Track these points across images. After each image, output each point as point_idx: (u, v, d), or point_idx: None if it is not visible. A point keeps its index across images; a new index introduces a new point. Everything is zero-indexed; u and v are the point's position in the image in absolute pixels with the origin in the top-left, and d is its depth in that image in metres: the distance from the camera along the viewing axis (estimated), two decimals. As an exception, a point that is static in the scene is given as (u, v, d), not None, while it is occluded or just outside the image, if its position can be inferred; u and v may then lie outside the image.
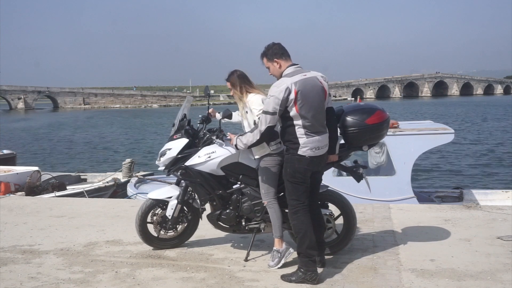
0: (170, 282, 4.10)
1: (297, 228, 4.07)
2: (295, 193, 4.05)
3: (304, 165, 3.97)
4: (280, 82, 3.95)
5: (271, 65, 4.11)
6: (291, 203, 4.07)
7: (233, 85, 4.52)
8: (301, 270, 3.99)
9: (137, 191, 9.95)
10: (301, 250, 4.03)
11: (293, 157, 3.98)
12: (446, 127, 8.62)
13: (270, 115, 3.91)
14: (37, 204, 7.32)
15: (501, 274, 4.03)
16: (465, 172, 16.56)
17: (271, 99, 3.90)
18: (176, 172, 4.68)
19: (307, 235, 4.01)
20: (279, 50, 4.08)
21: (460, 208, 6.38)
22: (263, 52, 4.16)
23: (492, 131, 30.15)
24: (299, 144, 3.95)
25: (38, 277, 4.26)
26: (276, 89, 3.91)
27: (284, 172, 4.09)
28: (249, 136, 4.07)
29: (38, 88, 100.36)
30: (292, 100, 3.87)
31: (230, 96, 5.87)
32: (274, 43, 4.15)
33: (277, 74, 4.11)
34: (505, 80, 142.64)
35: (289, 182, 4.05)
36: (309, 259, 4.00)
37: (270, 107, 3.90)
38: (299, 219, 4.04)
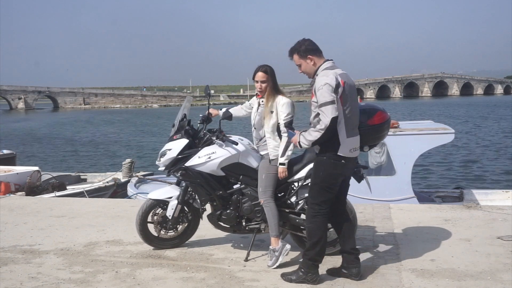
0: (170, 282, 4.10)
1: (313, 232, 3.94)
2: (320, 198, 3.90)
3: (339, 170, 3.85)
4: (326, 73, 3.74)
5: (303, 62, 3.90)
6: (313, 207, 3.93)
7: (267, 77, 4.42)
8: (302, 270, 3.96)
9: (137, 191, 9.95)
10: (309, 253, 3.95)
11: (329, 161, 3.80)
12: (446, 127, 8.62)
13: (330, 105, 3.63)
14: (37, 204, 7.32)
15: (501, 274, 4.03)
16: (465, 172, 16.55)
17: (325, 87, 3.66)
18: (176, 172, 4.68)
19: (321, 242, 3.92)
20: (313, 46, 3.89)
21: (460, 208, 6.37)
22: (293, 49, 3.94)
23: (492, 131, 30.14)
24: (339, 144, 3.77)
25: (38, 277, 4.27)
26: (325, 78, 3.70)
27: (315, 175, 3.92)
28: (313, 132, 3.74)
29: (38, 88, 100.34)
30: (340, 93, 3.69)
31: (230, 96, 5.85)
32: (305, 39, 3.93)
33: (310, 72, 3.92)
34: (505, 80, 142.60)
35: (318, 185, 3.89)
36: (313, 263, 3.95)
37: (328, 96, 3.64)
38: (317, 224, 3.91)
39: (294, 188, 4.54)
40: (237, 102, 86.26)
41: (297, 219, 4.53)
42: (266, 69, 4.43)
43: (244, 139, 4.72)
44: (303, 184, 4.51)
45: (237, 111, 4.92)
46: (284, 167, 4.36)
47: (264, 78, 4.41)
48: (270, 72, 4.44)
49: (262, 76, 4.42)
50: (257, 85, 4.45)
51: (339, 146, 3.78)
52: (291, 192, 4.54)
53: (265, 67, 4.45)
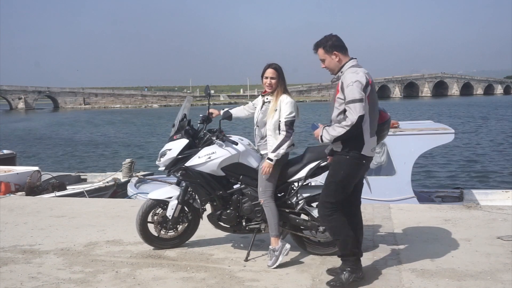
0: (170, 282, 4.10)
1: (337, 230, 3.88)
2: (336, 196, 3.85)
3: (359, 170, 3.82)
4: (356, 70, 3.70)
5: (328, 57, 3.84)
6: (327, 205, 3.87)
7: (277, 74, 4.42)
8: (348, 269, 3.85)
9: (138, 191, 9.95)
10: (346, 251, 3.88)
11: (352, 160, 3.75)
12: (446, 127, 8.62)
13: (359, 103, 3.58)
14: (37, 204, 7.32)
15: (501, 274, 4.03)
16: (465, 172, 16.55)
17: (355, 85, 3.60)
18: (176, 172, 4.68)
19: (349, 235, 3.86)
20: (339, 43, 3.84)
21: (460, 208, 6.38)
22: (319, 43, 3.87)
23: (493, 131, 30.14)
24: (363, 143, 3.72)
25: (38, 277, 4.27)
26: (355, 75, 3.65)
27: (334, 173, 3.85)
28: (338, 128, 3.69)
29: (39, 88, 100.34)
30: (368, 92, 3.65)
31: (230, 96, 5.84)
32: (332, 34, 3.88)
33: (334, 68, 3.86)
34: (505, 80, 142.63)
35: (336, 184, 3.83)
36: (355, 257, 3.89)
37: (357, 94, 3.58)
38: (336, 221, 3.86)
39: (294, 188, 4.54)
40: (237, 102, 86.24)
41: (297, 219, 4.54)
42: (276, 66, 4.46)
43: (244, 139, 4.72)
44: (303, 184, 4.51)
45: (239, 111, 4.92)
46: (269, 163, 4.30)
47: (274, 75, 4.42)
48: (280, 70, 4.46)
49: (272, 73, 4.43)
50: (266, 81, 4.44)
51: (363, 145, 3.74)
52: (291, 192, 4.54)
53: (275, 65, 4.47)
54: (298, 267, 4.35)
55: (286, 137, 4.32)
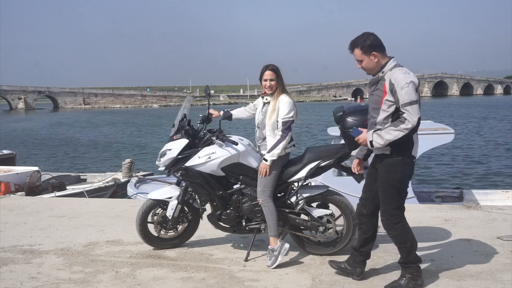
0: (170, 282, 4.10)
1: (403, 238, 3.74)
2: (398, 201, 3.69)
3: (412, 170, 3.70)
4: (405, 70, 3.55)
5: (366, 58, 3.64)
6: (393, 212, 3.69)
7: (276, 76, 4.41)
8: (409, 276, 3.77)
9: (137, 191, 9.97)
10: (409, 258, 3.77)
11: (405, 161, 3.62)
12: (446, 127, 8.62)
13: (416, 104, 3.43)
14: (37, 204, 7.32)
15: (501, 274, 4.03)
16: (465, 172, 16.56)
17: (410, 86, 3.45)
18: (176, 172, 4.68)
19: (415, 241, 3.78)
20: (378, 42, 3.64)
21: (460, 208, 6.38)
22: (356, 42, 3.68)
23: (492, 131, 30.15)
24: (413, 144, 3.63)
25: (38, 277, 4.27)
26: (408, 75, 3.50)
27: (389, 177, 3.65)
28: (394, 131, 3.47)
29: (38, 88, 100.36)
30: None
31: (230, 96, 5.83)
32: (369, 32, 3.68)
33: (372, 69, 3.68)
34: (505, 80, 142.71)
35: (395, 188, 3.65)
36: (418, 264, 3.81)
37: (413, 95, 3.44)
38: (403, 228, 3.73)
39: (294, 188, 4.54)
40: (237, 102, 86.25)
41: (297, 219, 4.54)
42: (274, 68, 4.45)
43: (244, 139, 4.73)
44: (303, 184, 4.51)
45: (240, 112, 4.92)
46: (265, 164, 4.31)
47: (273, 76, 4.42)
48: (278, 71, 4.46)
49: (271, 74, 4.42)
50: (266, 83, 4.44)
51: (413, 145, 3.65)
52: (291, 192, 4.54)
53: (272, 66, 4.47)
54: (298, 267, 4.35)
55: (281, 137, 4.31)
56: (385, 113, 3.59)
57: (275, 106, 4.38)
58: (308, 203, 4.56)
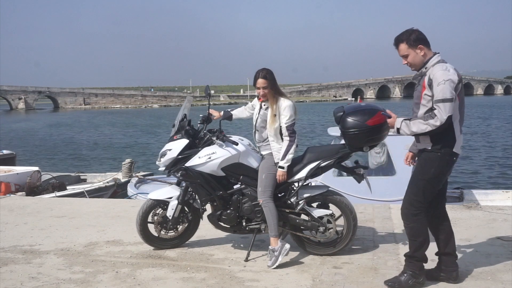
0: (170, 282, 4.10)
1: (417, 231, 3.75)
2: (424, 194, 3.71)
3: (450, 167, 3.70)
4: (446, 67, 3.53)
5: (412, 52, 3.64)
6: (415, 204, 3.72)
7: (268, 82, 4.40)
8: (410, 273, 3.77)
9: (138, 191, 9.96)
10: (418, 254, 3.77)
11: (444, 157, 3.62)
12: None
13: (449, 102, 3.44)
14: (37, 204, 7.33)
15: (501, 274, 4.03)
16: (465, 172, 16.56)
17: (447, 83, 3.45)
18: (176, 172, 4.68)
19: (427, 239, 3.77)
20: (423, 36, 3.64)
21: (461, 208, 6.38)
22: (401, 37, 3.67)
23: (493, 131, 30.15)
24: (455, 141, 3.60)
25: (38, 277, 4.27)
26: (447, 72, 3.49)
27: (424, 170, 3.69)
28: (422, 125, 3.54)
29: (39, 88, 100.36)
30: (459, 88, 3.52)
31: (230, 96, 5.80)
32: (413, 28, 3.68)
33: (418, 63, 3.67)
34: (505, 80, 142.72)
35: (426, 181, 3.69)
36: (422, 262, 3.81)
37: (448, 93, 3.44)
38: (420, 222, 3.74)
39: (294, 188, 4.54)
40: (237, 102, 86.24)
41: (297, 219, 4.54)
42: (265, 75, 4.42)
43: (244, 139, 4.73)
44: (303, 184, 4.51)
45: (240, 112, 4.93)
46: (283, 171, 4.37)
47: (265, 84, 4.41)
48: (270, 77, 4.43)
49: (263, 83, 4.42)
50: (259, 91, 4.46)
51: (455, 142, 3.62)
52: (291, 192, 4.54)
53: (264, 72, 4.43)
54: (298, 267, 4.35)
55: (290, 141, 4.36)
56: (425, 108, 3.63)
57: (275, 111, 4.38)
58: (308, 203, 4.56)
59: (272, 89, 4.42)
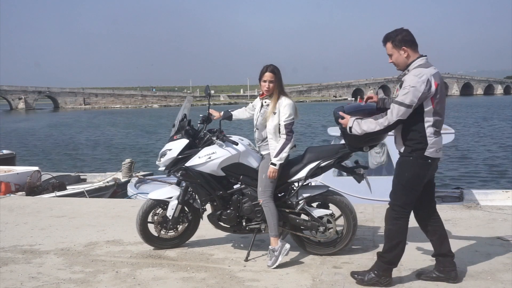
0: (170, 282, 4.10)
1: (393, 234, 3.78)
2: (404, 199, 3.74)
3: (426, 170, 3.69)
4: (420, 72, 3.55)
5: (396, 52, 3.69)
6: (396, 208, 3.76)
7: (275, 77, 4.39)
8: (375, 272, 3.81)
9: (138, 191, 9.96)
10: (386, 255, 3.81)
11: (417, 161, 3.64)
12: (446, 127, 8.60)
13: (405, 108, 3.53)
14: (37, 204, 7.33)
15: (501, 274, 4.03)
16: (466, 172, 16.56)
17: (411, 90, 3.50)
18: (176, 172, 4.68)
19: (400, 246, 3.79)
20: (410, 38, 3.67)
21: (460, 208, 6.38)
22: (388, 36, 3.72)
23: (492, 131, 30.14)
24: (427, 145, 3.62)
25: (38, 277, 4.27)
26: (417, 79, 3.51)
27: (399, 175, 3.73)
28: (372, 124, 3.69)
29: (39, 88, 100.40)
30: (431, 94, 3.53)
31: (230, 96, 5.81)
32: (403, 28, 3.72)
33: (401, 64, 3.72)
34: (505, 80, 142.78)
35: (403, 186, 3.72)
36: (389, 266, 3.83)
37: (408, 99, 3.51)
38: (399, 226, 3.76)
39: (294, 188, 4.54)
40: (237, 102, 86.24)
41: (297, 219, 4.54)
42: (274, 69, 4.43)
43: (244, 139, 4.73)
44: (303, 184, 4.51)
45: (240, 113, 4.92)
46: (275, 168, 4.33)
47: (272, 78, 4.41)
48: (278, 72, 4.44)
49: (270, 76, 4.41)
50: (264, 84, 4.43)
51: (426, 146, 3.63)
52: (291, 192, 4.54)
53: (272, 67, 4.44)
54: (298, 267, 4.35)
55: (287, 140, 4.34)
56: None
57: (275, 108, 4.37)
58: (308, 203, 4.56)
59: (277, 86, 4.42)
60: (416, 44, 3.71)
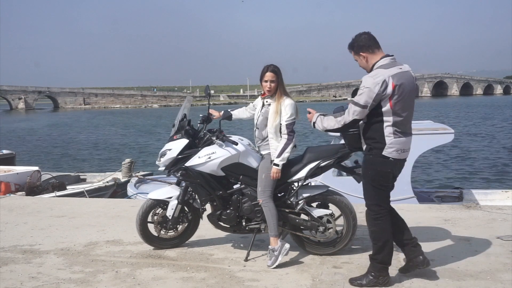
0: (170, 282, 4.10)
1: (378, 235, 3.85)
2: (376, 198, 3.81)
3: (388, 168, 3.73)
4: (376, 74, 3.64)
5: (358, 58, 3.84)
6: (372, 208, 3.83)
7: (277, 77, 4.40)
8: (372, 274, 3.85)
9: (137, 191, 9.96)
10: (377, 257, 3.86)
11: (376, 159, 3.73)
12: (446, 127, 8.62)
13: (360, 108, 3.64)
14: (37, 204, 7.33)
15: (501, 274, 4.04)
16: (465, 172, 16.56)
17: (365, 91, 3.61)
18: (176, 172, 4.68)
19: (388, 244, 3.84)
20: (366, 42, 3.77)
21: (460, 208, 6.38)
22: (349, 45, 3.87)
23: (492, 131, 30.14)
24: (385, 144, 3.69)
25: (38, 277, 4.27)
26: (372, 80, 3.60)
27: (365, 174, 3.86)
28: (331, 121, 3.84)
29: (39, 88, 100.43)
30: (388, 95, 3.59)
31: (230, 96, 5.80)
32: (362, 33, 3.83)
33: (366, 68, 3.83)
34: (505, 80, 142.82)
35: (370, 184, 3.81)
36: (384, 266, 3.86)
37: (362, 100, 3.62)
38: (380, 226, 3.82)
39: (294, 188, 4.54)
40: (237, 102, 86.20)
41: (297, 219, 4.54)
42: (275, 69, 4.44)
43: (244, 139, 4.73)
44: (303, 184, 4.51)
45: (241, 112, 4.93)
46: (278, 168, 4.35)
47: (273, 78, 4.41)
48: (279, 72, 4.45)
49: (272, 76, 4.41)
50: (266, 84, 4.44)
51: (384, 146, 3.69)
52: (291, 192, 4.54)
53: (273, 67, 4.45)
54: (298, 267, 4.35)
55: (288, 140, 4.35)
56: None
57: (277, 108, 4.37)
58: (308, 203, 4.56)
59: (279, 86, 4.42)
60: (375, 46, 3.77)
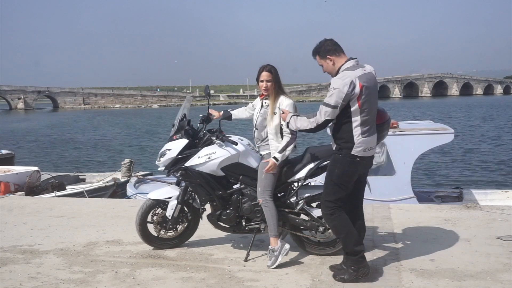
0: (170, 282, 4.10)
1: (338, 229, 3.99)
2: (335, 195, 3.96)
3: (355, 168, 3.90)
4: (344, 75, 3.80)
5: (324, 62, 3.99)
6: (327, 204, 3.99)
7: (272, 77, 4.41)
8: (352, 268, 3.92)
9: (137, 191, 9.95)
10: (348, 249, 3.96)
11: (345, 159, 3.88)
12: (446, 127, 8.61)
13: (331, 108, 3.78)
14: (37, 204, 7.32)
15: (501, 274, 4.03)
16: (465, 172, 16.56)
17: (335, 92, 3.75)
18: (176, 172, 4.68)
19: (351, 233, 3.96)
20: (332, 47, 3.95)
21: (460, 208, 6.38)
22: (315, 50, 4.02)
23: (492, 131, 30.15)
24: (353, 144, 3.84)
25: (38, 277, 4.26)
26: (340, 81, 3.76)
27: (330, 171, 3.99)
28: (305, 122, 3.96)
29: (38, 88, 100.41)
30: (356, 95, 3.75)
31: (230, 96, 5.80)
32: (326, 39, 4.01)
33: (332, 71, 3.98)
34: (505, 80, 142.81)
35: (333, 183, 3.95)
36: (358, 256, 3.94)
37: (333, 100, 3.76)
38: (338, 219, 3.96)
39: (294, 188, 4.54)
40: (237, 102, 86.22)
41: (297, 219, 4.54)
42: (271, 69, 4.43)
43: (244, 139, 4.73)
44: (303, 184, 4.51)
45: (240, 112, 4.92)
46: (275, 162, 4.31)
47: (269, 78, 4.40)
48: (275, 72, 4.44)
49: (267, 76, 4.41)
50: (262, 84, 4.43)
51: (353, 145, 3.84)
52: (291, 192, 4.54)
53: (269, 67, 4.45)
54: (298, 267, 4.35)
55: (291, 139, 4.35)
56: None
57: (275, 108, 4.37)
58: (308, 203, 4.56)
59: (275, 85, 4.41)
60: (340, 51, 3.96)
